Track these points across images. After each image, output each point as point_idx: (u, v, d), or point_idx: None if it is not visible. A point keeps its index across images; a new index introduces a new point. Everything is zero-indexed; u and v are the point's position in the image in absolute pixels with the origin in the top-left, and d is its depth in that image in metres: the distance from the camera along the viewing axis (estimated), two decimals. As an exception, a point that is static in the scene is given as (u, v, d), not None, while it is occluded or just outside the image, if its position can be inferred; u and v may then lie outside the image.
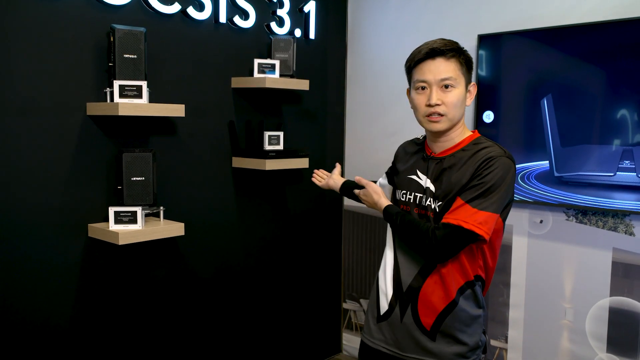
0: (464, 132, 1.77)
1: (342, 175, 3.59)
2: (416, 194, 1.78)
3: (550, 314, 2.83)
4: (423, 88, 1.71)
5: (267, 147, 2.93)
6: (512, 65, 2.85)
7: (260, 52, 3.02)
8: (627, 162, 2.52)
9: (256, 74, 2.86)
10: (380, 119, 3.43)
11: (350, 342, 3.70)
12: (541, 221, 2.84)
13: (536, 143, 2.77)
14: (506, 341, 3.00)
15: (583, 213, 2.70)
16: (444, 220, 1.66)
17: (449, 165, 1.72)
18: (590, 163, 2.61)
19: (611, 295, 2.65)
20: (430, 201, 1.73)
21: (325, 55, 3.43)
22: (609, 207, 2.56)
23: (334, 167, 2.37)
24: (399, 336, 1.80)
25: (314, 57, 3.34)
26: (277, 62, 2.90)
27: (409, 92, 1.80)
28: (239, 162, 2.94)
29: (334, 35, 3.48)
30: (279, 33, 3.10)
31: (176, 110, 2.47)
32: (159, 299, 2.72)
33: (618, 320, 2.64)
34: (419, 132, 1.95)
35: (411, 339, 1.77)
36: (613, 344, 2.66)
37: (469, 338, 1.76)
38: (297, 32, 3.21)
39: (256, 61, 2.86)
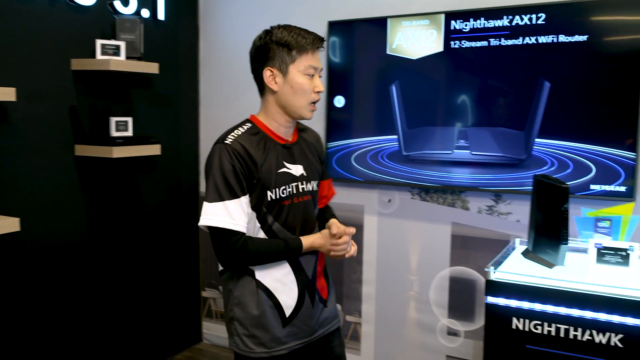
0: None
1: (196, 160, 3.54)
2: (292, 184, 1.77)
3: (399, 287, 3.02)
4: (312, 75, 1.73)
5: (114, 133, 2.78)
6: (362, 52, 2.97)
7: (103, 32, 2.84)
8: (462, 141, 2.75)
9: (99, 56, 2.69)
10: (236, 103, 3.39)
11: (211, 330, 3.66)
12: (389, 200, 3.01)
13: (387, 125, 2.92)
14: (360, 316, 3.15)
15: (426, 191, 2.90)
16: (331, 197, 2.00)
17: (303, 146, 1.85)
18: (432, 142, 2.82)
19: (451, 265, 2.89)
20: (305, 185, 1.81)
21: (176, 37, 3.31)
22: (448, 184, 2.78)
23: (188, 153, 2.28)
24: (310, 322, 1.82)
25: (163, 39, 3.21)
26: (122, 44, 2.75)
27: (279, 73, 1.72)
28: (82, 150, 2.75)
29: (185, 17, 3.37)
30: (124, 13, 2.93)
31: (5, 93, 2.25)
32: (-6, 302, 2.48)
33: (457, 288, 2.88)
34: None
35: (318, 317, 1.85)
36: (453, 310, 2.90)
37: (333, 287, 1.97)
38: (145, 13, 3.06)
39: (98, 42, 2.69)
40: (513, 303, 1.90)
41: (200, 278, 3.65)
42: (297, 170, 1.79)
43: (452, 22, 2.72)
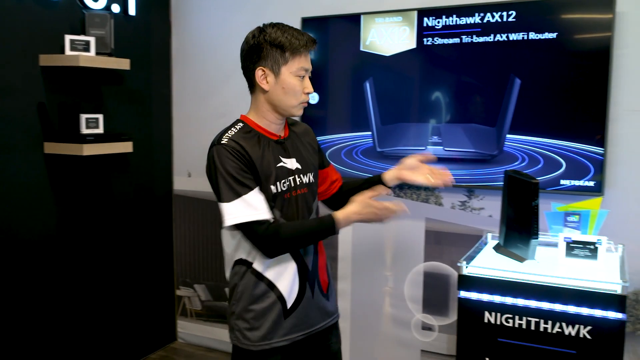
0: None
1: (169, 157, 3.50)
2: (289, 177, 1.79)
3: (374, 283, 3.03)
4: (303, 76, 1.74)
5: (85, 130, 2.74)
6: (336, 48, 2.96)
7: (72, 27, 2.79)
8: (435, 137, 2.77)
9: (68, 52, 2.64)
10: (210, 100, 3.37)
11: (185, 329, 3.63)
12: (364, 196, 3.01)
13: (361, 121, 2.92)
14: (336, 312, 3.16)
15: (400, 187, 2.92)
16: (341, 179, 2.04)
17: (295, 140, 1.87)
18: (406, 139, 2.83)
19: (425, 260, 2.91)
20: (301, 178, 1.82)
21: (147, 32, 3.27)
22: (422, 181, 2.80)
23: (161, 151, 2.24)
24: (311, 314, 1.84)
25: (135, 34, 3.17)
26: (92, 39, 2.71)
27: (271, 73, 1.72)
28: (52, 148, 2.70)
29: (156, 12, 3.33)
30: (94, 8, 2.88)
31: (-30, 90, 2.19)
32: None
33: (431, 283, 2.91)
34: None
35: (318, 309, 1.86)
36: (428, 305, 2.93)
37: (333, 283, 1.99)
38: (115, 8, 3.01)
39: (67, 37, 2.64)
40: (485, 297, 1.92)
41: (175, 276, 3.61)
42: (292, 164, 1.81)
43: (425, 19, 2.73)
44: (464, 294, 1.95)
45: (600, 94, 2.42)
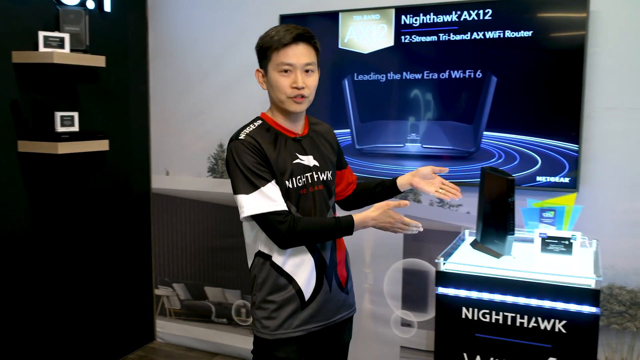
0: None
1: (146, 156, 3.47)
2: (306, 174, 1.84)
3: (354, 280, 3.01)
4: (286, 71, 1.76)
5: (60, 129, 2.70)
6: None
7: (46, 24, 2.74)
8: (413, 134, 2.78)
9: (42, 48, 2.60)
10: (188, 97, 3.34)
11: (164, 328, 3.60)
12: (343, 194, 3.01)
13: (340, 119, 2.93)
14: (316, 309, 3.16)
15: (379, 184, 2.93)
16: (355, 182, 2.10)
17: (314, 139, 1.92)
18: (385, 136, 2.84)
19: (404, 257, 2.93)
20: (319, 175, 1.87)
21: (123, 29, 3.23)
22: (400, 178, 2.81)
23: (138, 149, 2.22)
24: (328, 306, 1.89)
25: (110, 31, 3.13)
26: (66, 36, 2.67)
27: (263, 72, 1.82)
28: (26, 146, 2.66)
29: (132, 8, 3.29)
30: (68, 4, 2.84)
31: (-60, 88, 2.15)
32: None
33: (410, 279, 2.93)
34: (232, 109, 1.92)
35: (335, 302, 1.92)
36: (407, 301, 2.95)
37: (351, 277, 2.05)
38: (90, 4, 2.97)
39: (41, 34, 2.60)
40: (462, 293, 1.94)
41: (153, 276, 3.58)
42: (309, 161, 1.86)
43: (403, 17, 2.74)
44: (441, 290, 1.97)
45: (574, 91, 2.45)
